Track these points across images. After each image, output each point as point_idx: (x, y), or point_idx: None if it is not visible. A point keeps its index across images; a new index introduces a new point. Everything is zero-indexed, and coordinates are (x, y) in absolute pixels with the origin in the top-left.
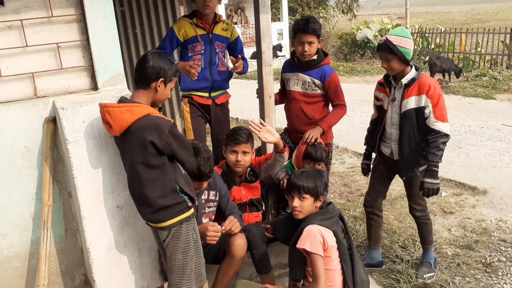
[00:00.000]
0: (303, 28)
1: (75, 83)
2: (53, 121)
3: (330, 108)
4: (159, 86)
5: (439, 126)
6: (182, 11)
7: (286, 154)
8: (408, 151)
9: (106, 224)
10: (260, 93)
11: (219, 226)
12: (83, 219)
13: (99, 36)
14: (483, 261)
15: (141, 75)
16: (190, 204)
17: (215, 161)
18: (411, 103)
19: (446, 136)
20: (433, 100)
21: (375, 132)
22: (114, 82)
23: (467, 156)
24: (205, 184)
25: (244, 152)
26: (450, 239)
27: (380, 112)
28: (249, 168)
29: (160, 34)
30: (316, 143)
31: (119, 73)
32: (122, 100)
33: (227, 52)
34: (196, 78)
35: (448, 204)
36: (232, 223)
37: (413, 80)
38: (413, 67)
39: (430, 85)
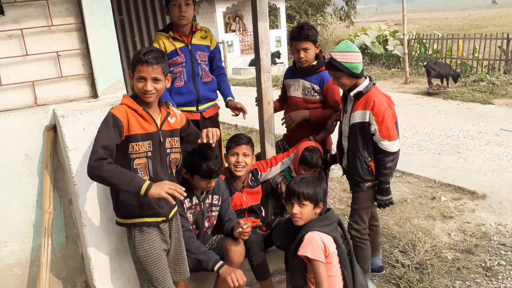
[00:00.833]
0: (296, 35)
1: (75, 91)
2: (53, 129)
3: None
4: (131, 78)
5: (384, 145)
6: None
7: None
8: (353, 164)
9: (107, 231)
10: (259, 99)
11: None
12: (83, 226)
13: (98, 44)
14: (483, 265)
15: None
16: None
17: None
18: (357, 116)
19: (394, 154)
20: (377, 117)
21: None
22: (114, 89)
23: (466, 160)
24: (213, 183)
25: (245, 154)
26: (450, 243)
27: None
28: (250, 174)
29: None
30: (290, 126)
31: (119, 80)
32: None
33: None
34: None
35: (448, 208)
36: (247, 226)
37: (360, 93)
38: (367, 79)
39: (375, 101)
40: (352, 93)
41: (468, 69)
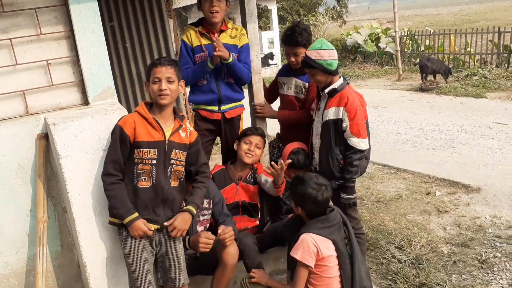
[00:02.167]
0: (285, 40)
1: (66, 98)
2: (45, 137)
3: None
4: (147, 87)
5: (353, 141)
6: (171, 24)
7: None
8: (325, 162)
9: (102, 238)
10: (250, 100)
11: (212, 235)
12: (78, 233)
13: (88, 51)
14: (479, 257)
15: None
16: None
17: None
18: (331, 113)
19: (361, 152)
20: (349, 114)
21: None
22: (105, 96)
23: (460, 155)
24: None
25: (257, 146)
26: (446, 237)
27: None
28: (251, 170)
29: (150, 48)
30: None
31: (110, 87)
32: None
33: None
34: (221, 53)
35: (443, 203)
36: (228, 230)
37: (334, 90)
38: (341, 78)
39: (348, 98)
40: (326, 90)
41: (461, 64)
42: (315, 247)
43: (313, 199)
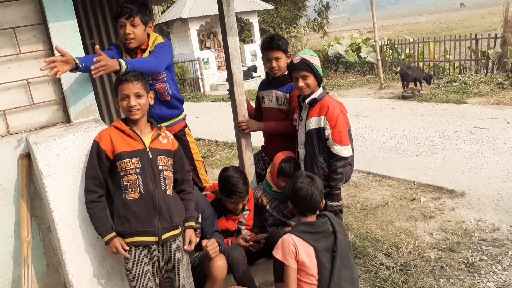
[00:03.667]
0: (267, 45)
1: (47, 117)
2: (27, 157)
3: None
4: (116, 103)
5: (336, 149)
6: None
7: None
8: (310, 170)
9: (88, 256)
10: (233, 113)
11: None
12: (63, 252)
13: None
14: (466, 261)
15: None
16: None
17: None
18: (313, 123)
19: (345, 159)
20: (331, 122)
21: None
22: (87, 113)
23: (443, 160)
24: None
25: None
26: (433, 243)
27: None
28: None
29: None
30: (244, 131)
31: (91, 104)
32: None
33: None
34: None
35: (428, 208)
36: (210, 243)
37: (315, 100)
38: (321, 88)
39: (329, 106)
40: (307, 100)
41: (441, 71)
42: (294, 248)
43: (296, 190)
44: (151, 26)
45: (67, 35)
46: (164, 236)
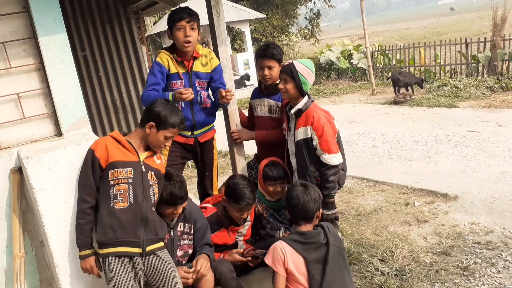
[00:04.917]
0: (261, 53)
1: (39, 130)
2: (19, 171)
3: None
4: (149, 128)
5: (325, 158)
6: (144, 51)
7: None
8: (303, 180)
9: (81, 270)
10: (226, 122)
11: (190, 270)
12: (56, 267)
13: (59, 82)
14: (460, 265)
15: (142, 115)
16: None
17: (201, 198)
18: (300, 133)
19: (335, 167)
20: (317, 132)
21: None
22: (78, 126)
23: (436, 164)
24: (180, 209)
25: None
26: (427, 247)
27: None
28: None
29: (124, 75)
30: (237, 141)
31: (83, 117)
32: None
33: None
34: (191, 97)
35: (422, 213)
36: (200, 264)
37: (300, 111)
38: (306, 97)
39: (314, 116)
40: (292, 111)
41: (432, 76)
42: (283, 255)
43: (289, 198)
44: (199, 35)
45: (57, 48)
46: (148, 248)
